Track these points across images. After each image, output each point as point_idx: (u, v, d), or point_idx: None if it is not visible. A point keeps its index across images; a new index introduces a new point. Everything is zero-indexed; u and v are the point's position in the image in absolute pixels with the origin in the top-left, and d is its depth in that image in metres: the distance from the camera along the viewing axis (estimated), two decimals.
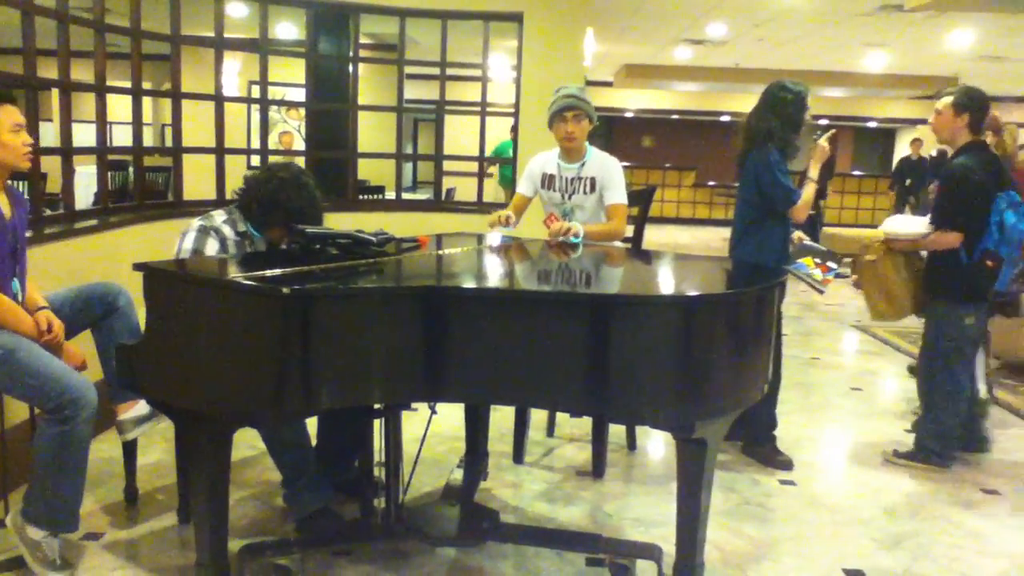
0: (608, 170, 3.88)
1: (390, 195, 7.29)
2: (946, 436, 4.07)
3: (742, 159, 4.05)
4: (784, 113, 3.93)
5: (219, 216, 3.19)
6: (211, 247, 3.10)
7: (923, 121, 16.88)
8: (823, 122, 17.78)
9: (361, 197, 6.73)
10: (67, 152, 4.29)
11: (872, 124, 19.22)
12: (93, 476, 2.99)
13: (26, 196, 3.34)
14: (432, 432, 3.24)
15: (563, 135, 3.83)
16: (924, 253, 4.10)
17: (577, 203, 3.88)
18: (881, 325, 7.50)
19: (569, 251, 3.53)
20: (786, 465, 4.04)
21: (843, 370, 6.18)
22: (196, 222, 3.16)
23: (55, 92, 4.36)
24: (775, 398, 4.09)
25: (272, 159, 6.50)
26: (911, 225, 4.13)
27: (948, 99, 3.93)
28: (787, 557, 3.17)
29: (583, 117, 3.81)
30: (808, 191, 3.95)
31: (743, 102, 17.87)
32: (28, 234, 3.58)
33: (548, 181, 3.94)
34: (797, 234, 4.28)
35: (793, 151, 3.99)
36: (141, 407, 3.13)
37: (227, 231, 3.16)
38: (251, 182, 3.22)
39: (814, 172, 4.04)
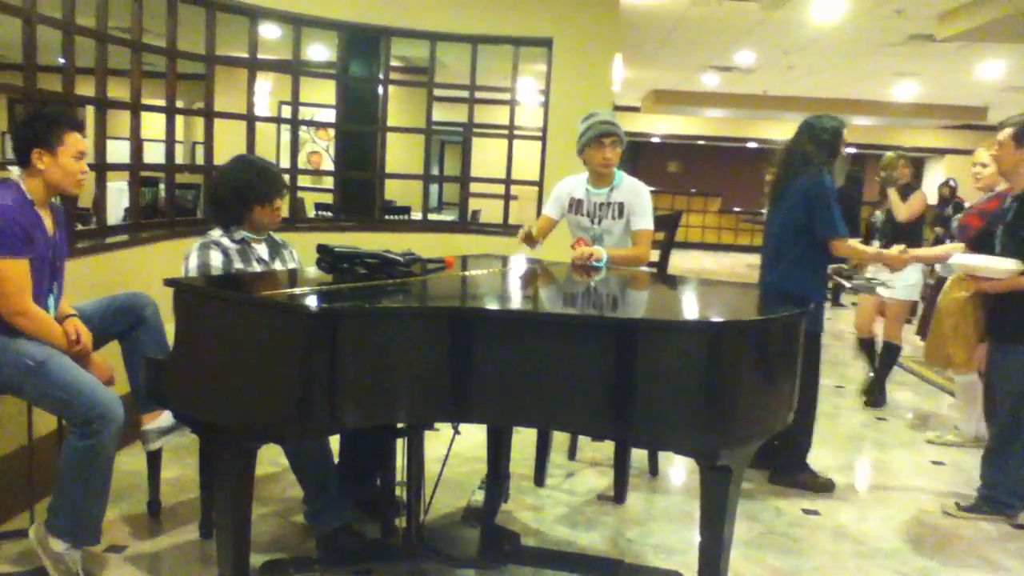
0: (637, 196, 3.88)
1: (416, 216, 7.34)
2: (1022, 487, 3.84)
3: (778, 186, 4.05)
4: (820, 139, 3.94)
5: (215, 232, 3.30)
6: (215, 258, 3.19)
7: (952, 151, 16.79)
8: (851, 150, 17.72)
9: (387, 217, 6.77)
10: (101, 168, 4.36)
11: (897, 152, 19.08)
12: (116, 489, 3.01)
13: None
14: (454, 453, 3.24)
15: (600, 161, 3.83)
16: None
17: (605, 228, 3.89)
18: (907, 355, 7.42)
19: (593, 275, 3.53)
20: (827, 487, 4.08)
21: None
22: (196, 242, 3.27)
23: (90, 109, 4.44)
24: (812, 425, 4.10)
25: (301, 179, 6.57)
26: (1000, 263, 3.66)
27: (1009, 131, 3.73)
28: None
29: (619, 143, 3.83)
30: (866, 250, 4.16)
31: (770, 129, 17.84)
32: None
33: (576, 206, 3.94)
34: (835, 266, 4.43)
35: (832, 176, 4.00)
36: (166, 418, 3.15)
37: (226, 242, 3.26)
38: (210, 192, 3.34)
39: (870, 255, 4.25)
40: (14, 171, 2.86)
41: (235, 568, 2.58)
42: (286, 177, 5.97)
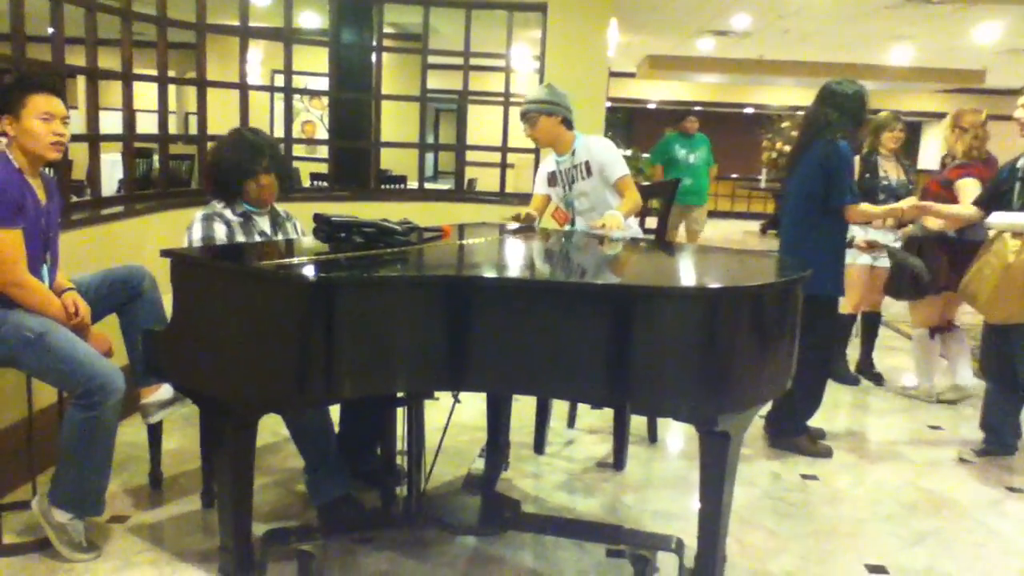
0: (598, 150, 3.95)
1: (412, 185, 7.31)
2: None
3: (795, 152, 4.06)
4: (843, 106, 3.91)
5: (218, 204, 3.29)
6: (219, 231, 3.20)
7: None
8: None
9: (383, 187, 6.74)
10: (93, 139, 4.32)
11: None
12: (118, 460, 3.02)
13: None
14: (454, 422, 3.25)
15: None
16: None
17: (579, 191, 3.97)
18: (904, 320, 7.45)
19: (614, 244, 3.53)
20: (825, 452, 4.12)
21: None
22: (198, 213, 3.27)
23: (81, 79, 4.39)
24: (821, 390, 4.15)
25: (296, 149, 6.54)
26: None
27: None
28: (808, 552, 3.16)
29: (536, 119, 3.90)
30: (878, 210, 4.13)
31: (766, 95, 17.65)
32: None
33: (552, 179, 4.08)
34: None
35: (854, 143, 4.01)
36: (165, 391, 3.16)
37: (229, 214, 3.27)
38: (204, 168, 3.34)
39: (880, 213, 4.21)
40: (2, 142, 2.83)
41: (237, 537, 2.60)
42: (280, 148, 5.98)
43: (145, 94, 5.27)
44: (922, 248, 4.79)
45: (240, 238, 3.23)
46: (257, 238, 3.28)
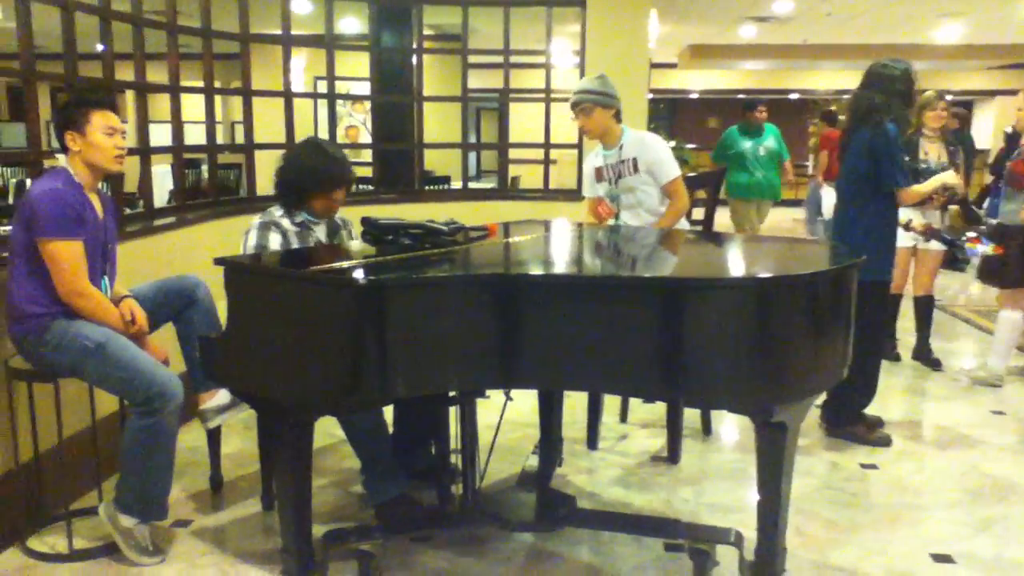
0: (648, 149, 3.92)
1: (456, 185, 7.33)
2: None
3: (844, 138, 4.02)
4: (888, 87, 3.87)
5: (276, 211, 3.31)
6: (274, 240, 3.22)
7: (1003, 92, 16.27)
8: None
9: (427, 187, 6.77)
10: (145, 152, 4.41)
11: (948, 97, 18.54)
12: (178, 465, 3.08)
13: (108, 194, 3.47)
14: (506, 419, 3.26)
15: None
16: None
17: (625, 186, 3.95)
18: (961, 304, 7.29)
19: (652, 236, 3.52)
20: (884, 440, 4.04)
21: None
22: (256, 220, 3.30)
23: (130, 93, 4.48)
24: (875, 377, 4.08)
25: None
26: None
27: None
28: (870, 542, 3.11)
29: (592, 109, 3.88)
30: (924, 188, 3.99)
31: (811, 79, 17.36)
32: None
33: (598, 175, 4.06)
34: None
35: (904, 125, 3.96)
36: (222, 396, 3.21)
37: (286, 223, 3.28)
38: (276, 172, 3.35)
39: (932, 186, 4.10)
40: (61, 159, 2.92)
41: (298, 538, 2.64)
42: None
43: (191, 106, 5.36)
44: (1015, 236, 4.64)
45: (295, 247, 3.26)
46: None
